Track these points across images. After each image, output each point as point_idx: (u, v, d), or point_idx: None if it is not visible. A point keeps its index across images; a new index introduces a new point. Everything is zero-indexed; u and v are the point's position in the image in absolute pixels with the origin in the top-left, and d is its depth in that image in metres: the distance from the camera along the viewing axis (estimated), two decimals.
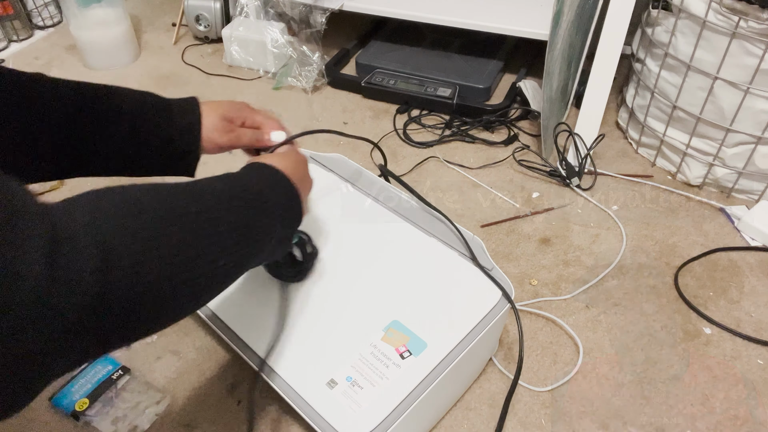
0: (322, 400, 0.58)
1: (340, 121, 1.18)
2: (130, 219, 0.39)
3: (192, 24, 1.40)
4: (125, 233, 0.38)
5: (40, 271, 0.32)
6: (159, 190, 0.44)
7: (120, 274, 0.37)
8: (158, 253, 0.40)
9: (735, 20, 0.84)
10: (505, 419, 0.70)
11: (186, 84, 1.29)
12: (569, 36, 1.05)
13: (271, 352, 0.63)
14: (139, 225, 0.40)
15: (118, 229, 0.38)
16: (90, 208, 0.39)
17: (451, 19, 1.15)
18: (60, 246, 0.34)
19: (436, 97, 1.18)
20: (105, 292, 0.36)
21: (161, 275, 0.40)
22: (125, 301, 0.37)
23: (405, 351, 0.62)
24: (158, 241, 0.40)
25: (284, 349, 0.63)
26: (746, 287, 0.86)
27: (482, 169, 1.07)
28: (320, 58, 1.27)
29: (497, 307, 0.66)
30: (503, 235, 0.94)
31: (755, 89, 0.88)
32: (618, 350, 0.78)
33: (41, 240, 0.33)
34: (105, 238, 0.37)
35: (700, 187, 1.02)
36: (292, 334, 0.64)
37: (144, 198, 0.42)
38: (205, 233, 0.44)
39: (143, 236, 0.39)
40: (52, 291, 0.33)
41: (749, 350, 0.78)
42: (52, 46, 1.42)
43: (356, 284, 0.69)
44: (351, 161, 0.85)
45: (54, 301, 0.33)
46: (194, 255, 0.43)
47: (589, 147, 1.04)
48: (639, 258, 0.90)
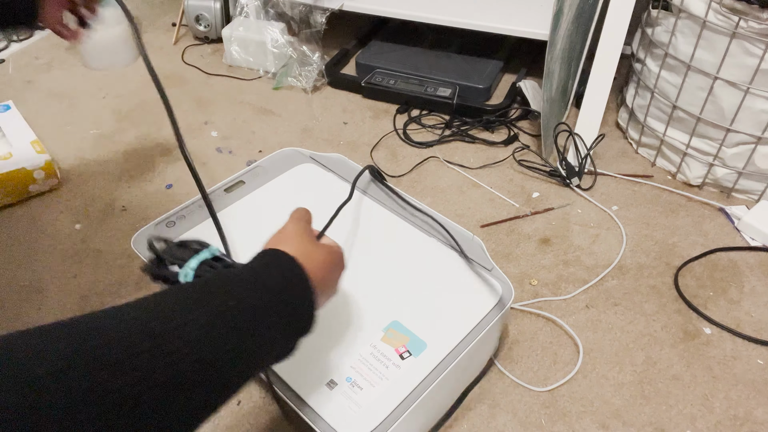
0: (321, 400, 0.58)
1: (340, 121, 1.18)
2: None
3: (192, 24, 1.40)
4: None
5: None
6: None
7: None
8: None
9: (735, 20, 0.84)
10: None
11: (186, 84, 1.29)
12: (569, 36, 1.05)
13: None
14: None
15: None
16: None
17: (451, 19, 1.15)
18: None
19: (436, 97, 1.18)
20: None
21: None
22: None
23: (405, 351, 0.62)
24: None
25: None
26: (746, 287, 0.86)
27: (482, 169, 1.07)
28: (320, 58, 1.27)
29: (497, 307, 0.66)
30: (503, 235, 0.94)
31: (755, 89, 0.88)
32: (618, 350, 0.78)
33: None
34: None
35: (700, 187, 1.02)
36: None
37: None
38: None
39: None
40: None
41: (749, 350, 0.78)
42: (52, 46, 1.42)
43: (356, 285, 0.68)
44: (351, 161, 0.85)
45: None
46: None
47: (589, 147, 1.04)
48: (639, 258, 0.90)
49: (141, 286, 0.86)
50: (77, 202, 1.00)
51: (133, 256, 0.90)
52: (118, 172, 1.06)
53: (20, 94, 1.25)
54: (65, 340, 0.32)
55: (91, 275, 0.88)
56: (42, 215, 0.98)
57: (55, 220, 0.97)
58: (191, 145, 1.12)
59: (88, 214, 0.98)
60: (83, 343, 0.32)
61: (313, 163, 0.86)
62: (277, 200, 0.80)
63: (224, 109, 1.22)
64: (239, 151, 1.10)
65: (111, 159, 1.09)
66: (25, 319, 0.82)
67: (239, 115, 1.20)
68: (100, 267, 0.89)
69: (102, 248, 0.92)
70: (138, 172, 1.06)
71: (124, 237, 0.94)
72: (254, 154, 1.09)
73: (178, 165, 1.07)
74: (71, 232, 0.95)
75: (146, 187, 1.03)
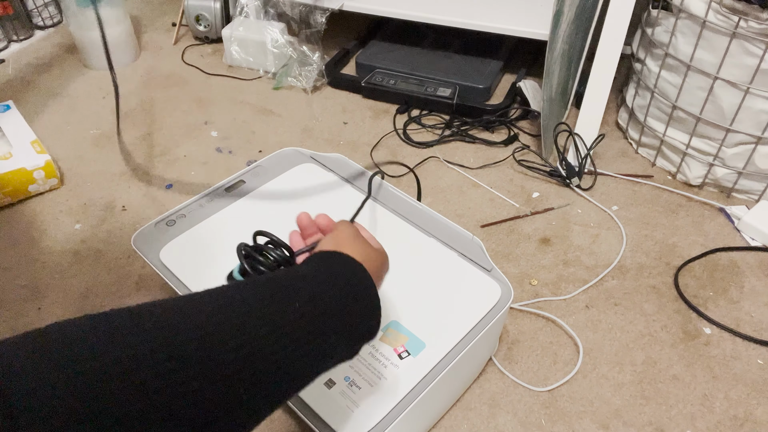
0: (320, 400, 0.58)
1: (340, 121, 1.18)
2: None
3: (192, 24, 1.40)
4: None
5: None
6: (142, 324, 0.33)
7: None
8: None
9: (735, 20, 0.84)
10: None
11: (186, 84, 1.29)
12: (569, 36, 1.05)
13: None
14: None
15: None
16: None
17: (451, 19, 1.15)
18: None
19: (436, 97, 1.18)
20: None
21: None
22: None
23: (403, 351, 0.62)
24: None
25: None
26: (746, 287, 0.86)
27: (482, 169, 1.07)
28: (320, 58, 1.27)
29: (496, 307, 0.66)
30: (503, 235, 0.94)
31: (755, 89, 0.88)
32: (618, 350, 0.78)
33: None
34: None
35: (700, 187, 1.02)
36: None
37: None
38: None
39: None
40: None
41: (749, 350, 0.78)
42: (52, 46, 1.43)
43: None
44: (351, 161, 0.85)
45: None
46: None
47: (589, 147, 1.04)
48: (639, 258, 0.90)
49: (141, 286, 0.86)
50: (77, 202, 1.00)
51: (133, 256, 0.90)
52: (118, 172, 1.06)
53: (20, 94, 1.25)
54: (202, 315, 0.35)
55: (91, 275, 0.88)
56: (42, 215, 0.98)
57: (55, 220, 0.97)
58: (191, 144, 1.12)
59: (88, 214, 0.98)
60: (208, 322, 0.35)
61: (313, 163, 0.86)
62: (278, 200, 0.80)
63: (224, 109, 1.22)
64: (239, 151, 1.10)
65: (111, 159, 1.09)
66: (25, 319, 0.82)
67: (239, 115, 1.20)
68: (100, 267, 0.89)
69: (102, 248, 0.92)
70: (138, 172, 1.06)
71: (124, 237, 0.94)
72: (254, 154, 1.09)
73: (178, 165, 1.07)
74: (71, 232, 0.95)
75: (146, 187, 1.03)
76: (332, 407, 0.58)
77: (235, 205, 0.79)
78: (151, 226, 0.76)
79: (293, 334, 0.38)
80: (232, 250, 0.68)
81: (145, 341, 0.32)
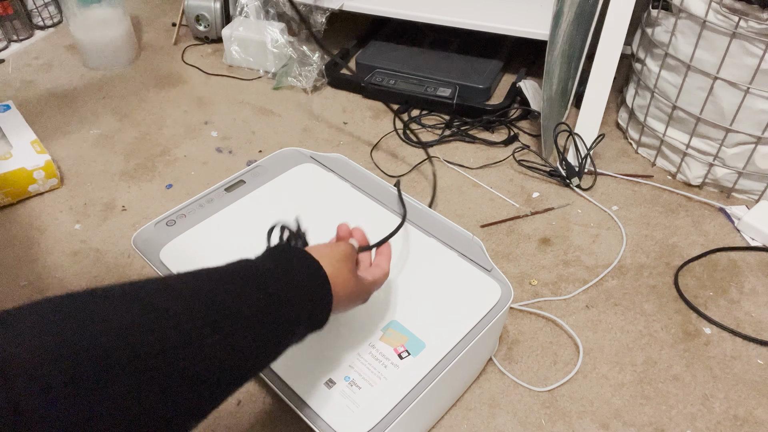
0: (320, 399, 0.58)
1: (340, 121, 1.18)
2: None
3: (192, 24, 1.40)
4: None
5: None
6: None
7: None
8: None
9: (735, 20, 0.84)
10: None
11: (186, 84, 1.29)
12: (569, 36, 1.05)
13: None
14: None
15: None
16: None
17: (451, 19, 1.15)
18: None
19: (436, 97, 1.18)
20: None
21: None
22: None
23: (403, 351, 0.62)
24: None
25: None
26: (746, 287, 0.86)
27: (482, 169, 1.07)
28: (320, 58, 1.27)
29: (496, 307, 0.66)
30: (503, 235, 0.94)
31: (755, 89, 0.88)
32: (618, 350, 0.78)
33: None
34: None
35: (700, 187, 1.02)
36: None
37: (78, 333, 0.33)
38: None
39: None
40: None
41: (749, 350, 0.78)
42: (52, 46, 1.43)
43: None
44: (351, 161, 0.85)
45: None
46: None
47: (589, 147, 1.04)
48: (639, 258, 0.90)
49: None
50: (77, 202, 1.00)
51: (133, 255, 0.90)
52: (118, 172, 1.06)
53: (20, 94, 1.25)
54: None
55: (91, 275, 0.88)
56: (42, 215, 0.98)
57: (55, 220, 0.97)
58: (191, 144, 1.12)
59: (88, 214, 0.98)
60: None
61: (313, 163, 0.86)
62: (278, 200, 0.80)
63: (224, 109, 1.22)
64: (239, 151, 1.10)
65: (111, 159, 1.09)
66: None
67: (239, 115, 1.20)
68: (100, 267, 0.89)
69: (102, 248, 0.92)
70: (138, 172, 1.06)
71: (124, 237, 0.94)
72: (254, 154, 1.09)
73: (178, 165, 1.07)
74: (71, 232, 0.95)
75: (146, 187, 1.03)
76: (332, 407, 0.58)
77: (235, 205, 0.79)
78: (151, 226, 0.76)
79: (262, 320, 0.43)
80: (233, 250, 0.68)
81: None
